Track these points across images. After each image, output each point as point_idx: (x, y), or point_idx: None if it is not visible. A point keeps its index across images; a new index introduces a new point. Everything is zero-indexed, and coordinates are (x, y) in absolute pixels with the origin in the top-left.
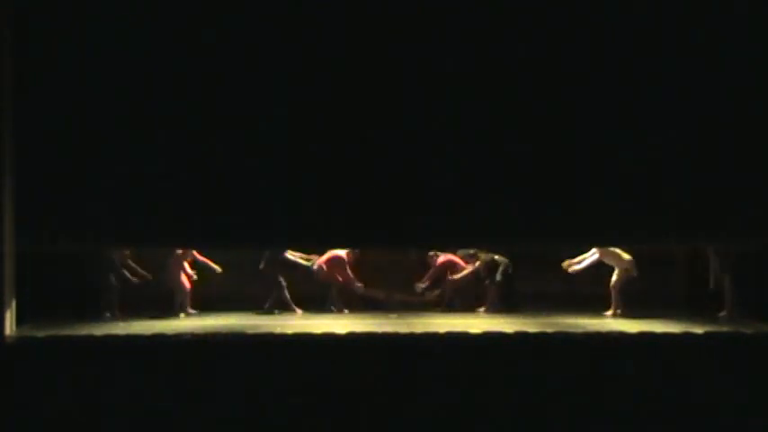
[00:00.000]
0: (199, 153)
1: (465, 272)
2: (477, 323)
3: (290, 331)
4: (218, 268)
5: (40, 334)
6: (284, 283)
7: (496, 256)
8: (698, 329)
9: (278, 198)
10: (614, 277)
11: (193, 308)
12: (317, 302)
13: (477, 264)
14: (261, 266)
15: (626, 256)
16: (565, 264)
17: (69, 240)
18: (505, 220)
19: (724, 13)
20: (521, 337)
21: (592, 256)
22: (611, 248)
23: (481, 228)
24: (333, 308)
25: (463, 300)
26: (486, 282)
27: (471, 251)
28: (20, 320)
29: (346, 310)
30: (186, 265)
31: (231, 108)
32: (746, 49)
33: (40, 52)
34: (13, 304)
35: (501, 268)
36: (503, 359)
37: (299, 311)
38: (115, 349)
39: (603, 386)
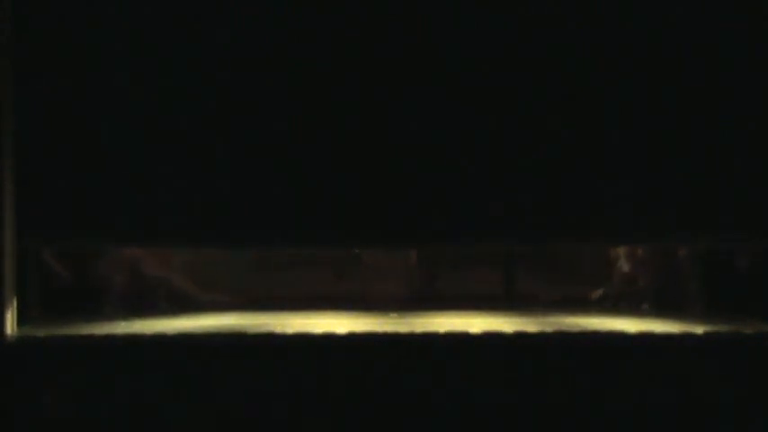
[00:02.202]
0: (199, 153)
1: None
2: (477, 323)
3: (290, 331)
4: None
5: (41, 334)
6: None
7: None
8: (698, 329)
9: (278, 198)
10: None
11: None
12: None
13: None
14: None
15: None
16: None
17: (70, 240)
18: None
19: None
20: (521, 337)
21: None
22: None
23: (481, 227)
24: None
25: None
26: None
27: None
28: (20, 320)
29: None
30: None
31: (230, 107)
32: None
33: (41, 50)
34: (14, 304)
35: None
36: (503, 359)
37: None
38: (115, 349)
39: (603, 386)
